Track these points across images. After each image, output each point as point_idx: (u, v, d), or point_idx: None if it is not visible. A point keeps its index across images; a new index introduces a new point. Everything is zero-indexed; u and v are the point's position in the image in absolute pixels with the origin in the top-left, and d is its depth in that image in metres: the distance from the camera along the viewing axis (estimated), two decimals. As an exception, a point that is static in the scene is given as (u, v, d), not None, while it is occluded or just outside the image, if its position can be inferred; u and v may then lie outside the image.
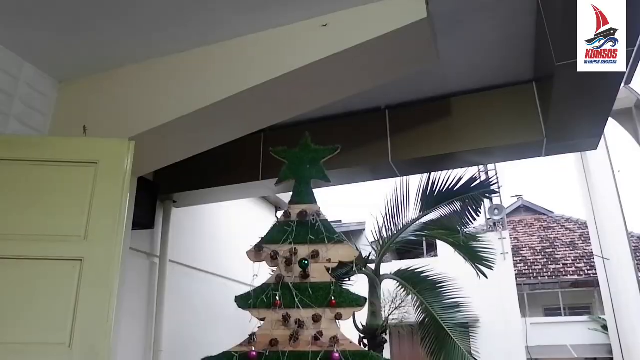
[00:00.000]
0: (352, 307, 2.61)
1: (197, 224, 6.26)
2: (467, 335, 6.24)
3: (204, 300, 6.12)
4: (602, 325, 11.65)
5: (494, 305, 10.60)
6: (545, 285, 13.61)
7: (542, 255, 14.44)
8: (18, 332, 2.87)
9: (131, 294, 4.91)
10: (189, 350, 5.39)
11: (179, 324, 5.60)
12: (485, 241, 6.13)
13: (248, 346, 2.56)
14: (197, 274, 6.10)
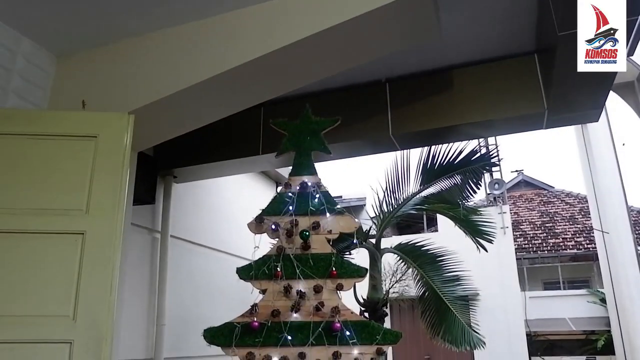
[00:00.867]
0: (353, 278, 2.63)
1: (197, 200, 6.27)
2: (467, 308, 6.30)
3: (206, 275, 6.17)
4: (601, 298, 11.75)
5: (493, 279, 10.69)
6: (545, 259, 13.69)
7: (542, 229, 14.50)
8: (22, 305, 2.90)
9: (133, 269, 4.95)
10: (191, 324, 5.45)
11: (181, 299, 5.65)
12: (485, 215, 6.15)
13: (250, 317, 2.58)
14: (199, 249, 6.13)
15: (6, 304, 2.88)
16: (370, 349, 2.51)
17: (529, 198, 16.37)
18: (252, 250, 2.74)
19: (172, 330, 5.39)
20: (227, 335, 2.57)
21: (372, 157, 5.28)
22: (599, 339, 11.43)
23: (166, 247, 5.44)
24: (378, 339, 2.50)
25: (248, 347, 2.55)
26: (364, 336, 2.52)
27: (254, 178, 7.55)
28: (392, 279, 7.16)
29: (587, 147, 10.53)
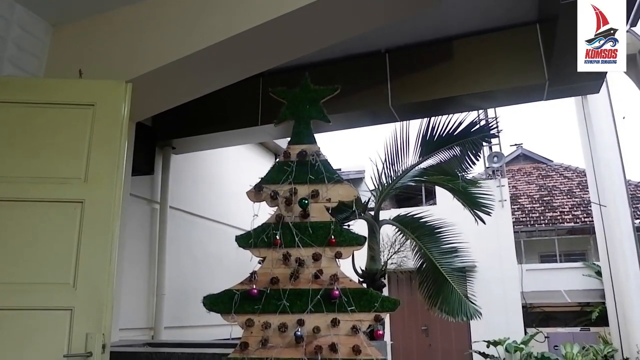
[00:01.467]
0: (351, 246, 2.64)
1: (196, 171, 6.27)
2: (464, 280, 6.35)
3: (205, 246, 6.21)
4: (596, 271, 11.85)
5: (491, 251, 10.77)
6: (542, 232, 13.76)
7: (540, 203, 14.54)
8: (23, 273, 2.93)
9: (133, 239, 4.98)
10: (191, 294, 5.51)
11: (181, 269, 5.70)
12: (484, 188, 6.16)
13: (249, 284, 2.60)
14: (197, 220, 6.16)
15: (7, 272, 2.90)
16: (369, 316, 2.53)
17: (527, 172, 16.38)
18: (251, 221, 2.75)
19: (172, 300, 5.45)
20: (226, 302, 2.59)
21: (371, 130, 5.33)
22: (594, 311, 11.57)
23: (165, 218, 5.46)
24: (376, 306, 2.52)
25: (247, 313, 2.57)
26: (362, 303, 2.54)
27: (252, 150, 7.54)
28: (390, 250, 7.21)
29: (587, 121, 10.49)
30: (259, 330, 2.54)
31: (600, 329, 11.03)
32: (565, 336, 11.00)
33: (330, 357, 2.49)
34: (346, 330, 2.51)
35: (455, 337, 11.22)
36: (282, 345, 2.53)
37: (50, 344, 2.84)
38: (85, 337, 2.85)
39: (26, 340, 2.84)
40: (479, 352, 10.46)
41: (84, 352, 2.83)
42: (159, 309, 5.25)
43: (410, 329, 11.38)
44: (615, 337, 9.79)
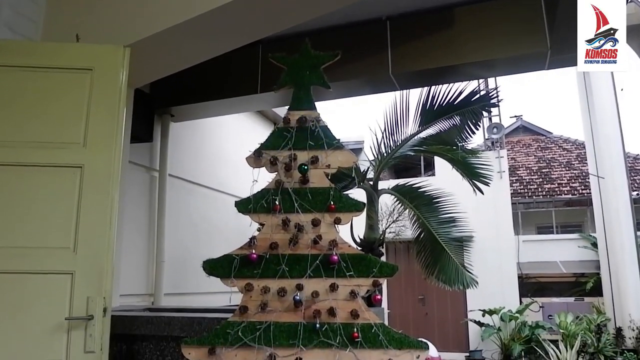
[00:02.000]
0: (351, 212, 2.65)
1: (196, 139, 6.25)
2: (461, 250, 6.41)
3: (204, 215, 6.23)
4: (592, 242, 11.94)
5: (488, 222, 10.84)
6: (540, 204, 13.82)
7: (538, 175, 14.57)
8: (24, 237, 2.94)
9: (132, 207, 4.99)
10: (190, 262, 5.56)
11: (180, 237, 5.74)
12: (482, 158, 6.16)
13: (248, 249, 2.61)
14: (197, 189, 6.17)
15: (7, 236, 2.92)
16: (367, 281, 2.55)
17: (526, 144, 16.36)
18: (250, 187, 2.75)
19: (172, 268, 5.50)
20: (225, 266, 2.61)
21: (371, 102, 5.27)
22: (588, 282, 11.71)
23: (164, 186, 5.47)
24: (374, 271, 2.55)
25: (246, 278, 2.59)
26: (361, 269, 2.56)
27: (252, 119, 7.50)
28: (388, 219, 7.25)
29: (588, 92, 10.43)
30: (258, 295, 2.57)
31: (594, 299, 11.18)
32: (559, 306, 11.15)
33: (329, 321, 2.52)
34: (345, 295, 2.54)
35: (451, 307, 11.38)
36: (281, 310, 2.56)
37: (52, 307, 2.87)
38: (86, 300, 2.89)
39: (28, 304, 2.87)
40: (475, 321, 10.63)
41: (85, 316, 2.87)
42: (158, 275, 5.30)
43: (407, 299, 11.54)
44: (609, 307, 9.93)
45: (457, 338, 11.20)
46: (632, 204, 9.89)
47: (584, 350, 9.03)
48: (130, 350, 3.27)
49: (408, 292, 11.58)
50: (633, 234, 9.67)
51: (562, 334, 9.54)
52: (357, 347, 2.48)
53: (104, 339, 2.89)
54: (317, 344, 2.49)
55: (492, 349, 10.45)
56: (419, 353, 2.49)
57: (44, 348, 2.84)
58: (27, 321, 2.86)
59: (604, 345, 8.96)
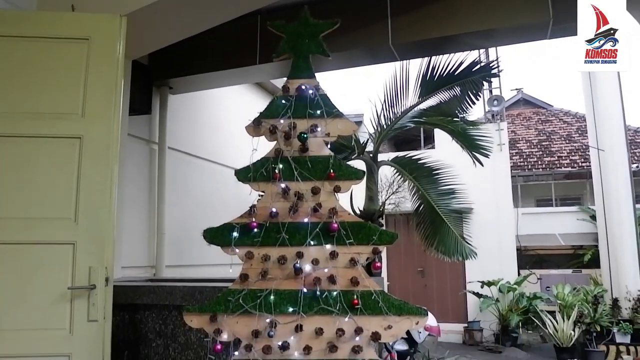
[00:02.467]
0: (350, 180, 2.65)
1: (194, 112, 6.22)
2: (461, 221, 6.44)
3: (204, 187, 6.24)
4: (591, 215, 11.98)
5: (487, 195, 10.86)
6: (539, 177, 13.81)
7: (538, 148, 14.53)
8: (24, 208, 2.95)
9: (132, 179, 4.99)
10: (191, 234, 5.58)
11: (180, 209, 5.75)
12: (483, 130, 6.14)
13: (249, 217, 2.63)
14: (196, 161, 6.16)
15: (9, 207, 2.93)
16: (367, 249, 2.57)
17: (527, 116, 16.29)
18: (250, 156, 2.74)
19: (173, 240, 5.53)
20: (226, 235, 2.62)
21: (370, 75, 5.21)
22: (586, 254, 11.78)
23: (164, 159, 5.46)
24: (374, 239, 2.56)
25: (247, 246, 2.61)
26: (361, 236, 2.58)
27: (251, 91, 7.46)
28: (388, 190, 7.25)
29: (589, 64, 10.32)
30: (259, 263, 2.59)
31: (591, 271, 11.27)
32: (557, 278, 11.25)
33: (329, 289, 2.55)
34: (344, 263, 2.56)
35: (450, 278, 11.48)
36: (282, 277, 2.58)
37: (55, 277, 2.90)
38: (89, 270, 2.92)
39: (31, 273, 2.90)
40: (473, 292, 10.74)
41: (88, 285, 2.90)
42: (159, 247, 5.33)
43: (407, 271, 11.63)
44: (606, 279, 10.01)
45: (456, 309, 11.32)
46: (631, 176, 9.89)
47: (580, 321, 9.14)
48: (133, 319, 3.31)
49: (407, 265, 11.67)
50: (632, 207, 9.70)
51: (559, 305, 9.65)
52: (357, 314, 2.51)
53: (106, 308, 2.92)
54: (318, 311, 2.53)
55: (490, 319, 10.58)
56: (418, 319, 2.53)
57: (48, 317, 2.88)
58: (30, 291, 2.89)
59: (600, 315, 9.07)
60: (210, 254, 4.83)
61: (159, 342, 3.22)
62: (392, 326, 2.51)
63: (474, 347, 10.18)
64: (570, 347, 9.10)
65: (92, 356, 2.85)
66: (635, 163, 12.57)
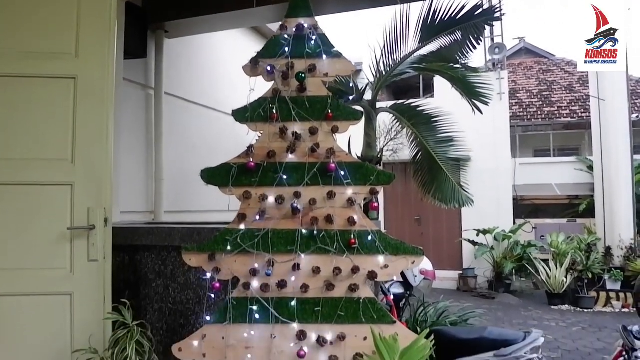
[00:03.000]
0: (348, 121, 2.63)
1: (191, 56, 6.12)
2: (458, 169, 6.44)
3: (202, 133, 6.20)
4: (588, 165, 12.01)
5: (486, 144, 10.85)
6: (538, 127, 13.76)
7: (539, 98, 14.41)
8: (20, 149, 2.95)
9: (129, 124, 4.95)
10: (189, 180, 5.59)
11: (178, 156, 5.73)
12: (483, 77, 6.06)
13: (246, 157, 2.62)
14: (193, 107, 6.10)
15: (4, 148, 2.92)
16: (364, 189, 2.58)
17: (528, 66, 16.08)
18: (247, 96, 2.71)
19: (171, 186, 5.54)
20: (223, 175, 2.62)
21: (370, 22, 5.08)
22: (582, 204, 11.89)
23: (161, 104, 5.40)
24: (372, 179, 2.57)
25: (244, 186, 2.61)
26: (358, 177, 2.58)
27: (248, 36, 7.31)
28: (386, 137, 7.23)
29: (594, 11, 10.11)
30: (256, 203, 2.60)
31: (586, 221, 11.41)
32: (552, 227, 11.39)
33: (326, 228, 2.57)
34: (342, 203, 2.58)
35: (446, 227, 11.62)
36: (279, 217, 2.60)
37: (54, 218, 2.93)
38: (87, 211, 2.94)
39: (31, 214, 2.92)
40: (469, 240, 10.89)
41: (87, 225, 2.92)
42: (158, 193, 5.35)
43: (404, 219, 11.75)
44: (600, 228, 10.14)
45: (452, 257, 11.52)
46: (631, 126, 9.87)
47: (573, 268, 9.32)
48: (133, 260, 3.36)
49: (405, 213, 11.78)
50: (630, 156, 9.72)
51: (553, 253, 9.81)
52: (353, 253, 2.55)
53: (106, 249, 2.96)
54: (315, 250, 2.56)
55: (484, 267, 10.78)
56: (414, 259, 2.56)
57: (49, 257, 2.92)
58: (31, 231, 2.92)
59: (593, 263, 9.24)
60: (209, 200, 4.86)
61: (159, 282, 3.28)
62: (389, 265, 2.54)
63: (468, 294, 10.41)
64: (562, 293, 9.33)
65: (94, 295, 2.91)
66: (636, 113, 12.51)
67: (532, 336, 4.04)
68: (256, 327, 2.55)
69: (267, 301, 2.55)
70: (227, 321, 2.55)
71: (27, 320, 2.87)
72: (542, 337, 4.08)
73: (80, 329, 2.86)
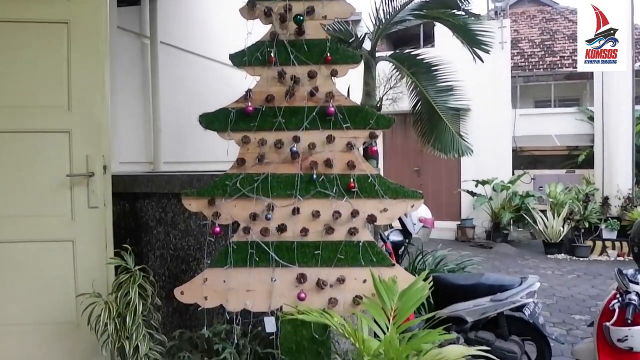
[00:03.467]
0: (347, 64, 2.59)
1: (186, 5, 5.98)
2: (458, 119, 6.41)
3: (198, 84, 6.13)
4: (589, 116, 11.93)
5: (486, 95, 10.72)
6: (540, 77, 13.59)
7: (541, 47, 14.16)
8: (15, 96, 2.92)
9: (125, 74, 4.88)
10: (187, 131, 5.58)
11: (175, 106, 5.67)
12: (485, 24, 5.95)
13: (244, 102, 2.59)
14: (190, 57, 6.01)
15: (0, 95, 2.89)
16: (363, 133, 2.57)
17: (531, 15, 15.73)
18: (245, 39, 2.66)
19: (169, 137, 5.51)
20: (222, 120, 2.60)
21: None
22: (581, 154, 11.87)
23: (156, 53, 5.31)
24: (371, 123, 2.55)
25: (243, 131, 2.60)
26: (358, 120, 2.56)
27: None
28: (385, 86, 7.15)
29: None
30: (255, 147, 2.59)
31: (585, 171, 11.42)
32: (550, 178, 11.41)
33: (326, 172, 2.57)
34: (341, 147, 2.57)
35: (445, 178, 11.64)
36: (278, 161, 2.60)
37: (53, 165, 2.93)
38: (86, 158, 2.94)
39: (29, 161, 2.92)
40: (467, 191, 10.94)
41: (86, 172, 2.92)
42: (156, 144, 5.33)
43: (403, 171, 11.75)
44: (598, 178, 10.16)
45: (450, 208, 11.59)
46: (633, 75, 9.74)
47: (570, 218, 9.40)
48: (133, 208, 3.37)
49: (404, 164, 11.78)
50: (631, 106, 9.64)
51: (551, 203, 9.87)
52: (353, 197, 2.56)
53: (106, 196, 2.97)
54: (314, 194, 2.57)
55: (482, 217, 10.87)
56: (414, 202, 2.58)
57: (49, 203, 2.93)
58: (30, 179, 2.93)
59: (590, 213, 9.31)
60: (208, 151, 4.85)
61: (160, 229, 3.30)
62: (388, 209, 2.56)
63: (465, 244, 10.54)
64: (559, 242, 9.44)
65: (95, 241, 2.94)
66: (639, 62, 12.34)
67: (528, 281, 4.12)
68: (256, 270, 2.59)
69: (267, 245, 2.58)
70: (227, 265, 2.58)
71: (31, 266, 2.91)
72: (538, 282, 4.16)
73: (84, 275, 2.90)
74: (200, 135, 2.94)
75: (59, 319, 2.91)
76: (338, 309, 2.51)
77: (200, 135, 3.00)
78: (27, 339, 2.90)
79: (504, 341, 4.05)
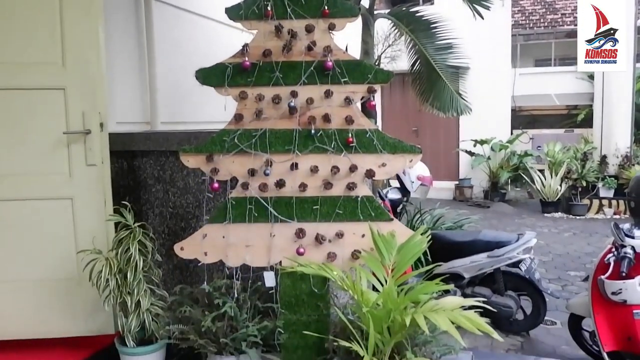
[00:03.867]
0: (345, 17, 2.54)
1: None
2: (457, 77, 6.36)
3: (195, 44, 6.01)
4: (589, 75, 11.83)
5: (486, 54, 10.58)
6: (540, 35, 13.42)
7: (542, 5, 13.93)
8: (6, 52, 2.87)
9: (120, 34, 4.78)
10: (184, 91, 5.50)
11: (172, 66, 5.58)
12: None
13: (241, 57, 2.56)
14: (186, 15, 5.88)
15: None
16: (362, 87, 2.54)
17: (532, -29, 15.42)
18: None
19: (166, 97, 5.45)
20: (219, 75, 2.57)
21: None
22: (580, 114, 11.84)
23: (151, 11, 5.19)
24: (369, 77, 2.52)
25: (240, 86, 2.57)
26: (356, 75, 2.53)
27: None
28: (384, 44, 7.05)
29: None
30: (253, 103, 2.57)
31: (584, 131, 11.41)
32: (549, 137, 11.40)
33: (324, 127, 2.56)
34: (339, 102, 2.54)
35: (444, 138, 11.63)
36: (276, 117, 2.58)
37: (49, 122, 2.90)
38: (82, 115, 2.91)
39: (25, 119, 2.90)
40: (466, 151, 10.94)
41: (83, 130, 2.90)
42: (153, 104, 5.26)
43: (401, 131, 11.69)
44: (597, 137, 10.16)
45: (448, 168, 11.61)
46: (635, 32, 9.62)
47: (567, 177, 9.45)
48: (131, 165, 3.37)
49: (402, 125, 11.73)
50: (632, 63, 9.54)
51: (549, 162, 9.90)
52: (351, 152, 2.55)
53: (104, 153, 2.95)
54: (312, 150, 2.56)
55: (480, 177, 10.91)
56: (412, 157, 2.57)
57: (47, 161, 2.92)
58: (26, 137, 2.91)
59: (588, 171, 9.35)
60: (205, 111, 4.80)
61: (158, 187, 3.30)
62: (386, 164, 2.55)
63: (463, 203, 10.61)
64: (556, 201, 9.51)
65: (94, 199, 2.94)
66: None
67: (525, 237, 4.17)
68: (255, 226, 2.60)
69: (265, 200, 2.59)
70: (226, 220, 2.60)
71: (30, 224, 2.92)
72: (534, 239, 4.21)
73: (83, 232, 2.91)
74: (198, 95, 2.90)
75: (60, 275, 2.94)
76: (337, 264, 2.53)
77: (198, 95, 2.96)
78: (29, 296, 2.94)
79: (500, 296, 4.13)
